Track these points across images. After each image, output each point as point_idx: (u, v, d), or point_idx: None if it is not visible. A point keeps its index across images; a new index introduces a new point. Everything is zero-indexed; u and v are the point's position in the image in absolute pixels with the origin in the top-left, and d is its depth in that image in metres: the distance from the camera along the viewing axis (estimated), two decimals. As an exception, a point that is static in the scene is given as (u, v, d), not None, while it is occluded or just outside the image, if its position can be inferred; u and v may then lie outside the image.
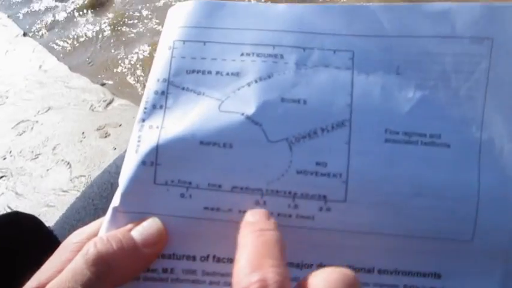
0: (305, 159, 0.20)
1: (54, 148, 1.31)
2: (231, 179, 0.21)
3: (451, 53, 0.21)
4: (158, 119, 0.21)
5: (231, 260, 0.20)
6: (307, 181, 0.20)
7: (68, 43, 1.74)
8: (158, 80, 0.22)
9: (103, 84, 1.50)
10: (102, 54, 1.63)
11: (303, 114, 0.21)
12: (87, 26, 1.79)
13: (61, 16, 1.89)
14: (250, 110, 0.21)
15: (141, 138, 0.21)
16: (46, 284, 0.19)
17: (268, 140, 0.21)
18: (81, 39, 1.74)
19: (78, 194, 0.44)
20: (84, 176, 1.19)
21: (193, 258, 0.21)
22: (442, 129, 0.21)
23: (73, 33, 1.78)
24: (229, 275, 0.20)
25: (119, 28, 1.72)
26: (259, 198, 0.21)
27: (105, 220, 0.21)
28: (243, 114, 0.21)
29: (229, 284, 0.20)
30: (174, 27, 0.23)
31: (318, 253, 0.21)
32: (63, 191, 1.16)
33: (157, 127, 0.21)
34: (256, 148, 0.21)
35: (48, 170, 1.25)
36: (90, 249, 0.19)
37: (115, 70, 1.54)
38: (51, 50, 1.73)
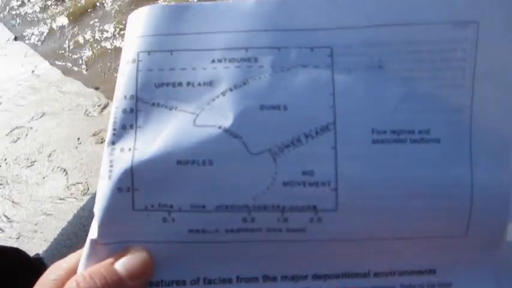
0: (291, 170, 0.19)
1: (49, 155, 1.30)
2: (215, 198, 0.20)
3: (434, 41, 0.20)
4: (130, 140, 0.20)
5: (223, 281, 0.20)
6: (294, 193, 0.19)
7: (60, 47, 1.72)
8: (125, 97, 0.21)
9: (97, 88, 1.49)
10: (96, 58, 1.62)
11: (284, 121, 0.20)
12: (79, 31, 1.77)
13: (53, 20, 1.87)
14: (228, 121, 0.20)
15: (113, 163, 0.20)
16: None
17: (250, 153, 0.19)
18: (74, 44, 1.72)
19: (75, 201, 0.43)
20: (81, 183, 1.17)
21: (184, 282, 0.20)
22: (431, 124, 0.20)
23: (65, 37, 1.76)
24: None
25: (113, 32, 1.70)
26: (247, 216, 0.20)
27: (83, 254, 0.20)
28: (220, 127, 0.20)
29: None
30: (136, 36, 0.21)
31: (311, 264, 0.21)
32: (60, 199, 1.15)
33: (130, 149, 0.20)
34: (238, 163, 0.19)
35: (44, 177, 1.24)
36: None
37: (110, 73, 1.53)
38: (43, 54, 1.71)
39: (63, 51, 1.69)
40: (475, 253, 0.21)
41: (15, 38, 1.83)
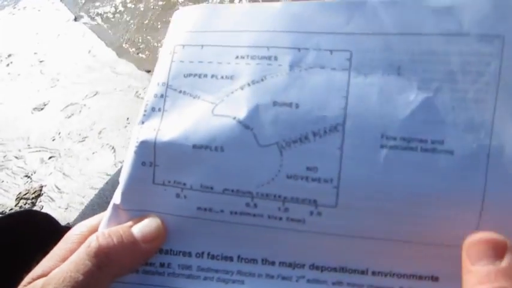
0: (295, 164, 0.20)
1: (100, 132, 1.34)
2: (222, 182, 0.21)
3: (457, 52, 0.20)
4: (156, 121, 0.22)
5: (224, 258, 0.22)
6: (297, 186, 0.20)
7: (116, 30, 1.77)
8: (158, 84, 0.23)
9: (148, 71, 1.52)
10: (150, 41, 1.65)
11: (294, 118, 0.21)
12: (136, 14, 1.81)
13: (111, 3, 1.93)
14: (242, 114, 0.21)
15: (139, 140, 0.22)
16: (50, 271, 0.20)
17: (258, 145, 0.21)
18: (130, 26, 1.76)
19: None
20: (128, 161, 1.21)
21: (189, 254, 0.22)
22: (446, 135, 0.19)
23: (122, 20, 1.81)
24: (222, 271, 0.22)
25: (169, 17, 1.73)
26: (250, 201, 0.21)
27: (105, 215, 0.23)
28: (234, 118, 0.21)
29: (222, 280, 0.22)
30: (176, 32, 0.24)
31: (310, 254, 0.21)
32: (107, 175, 1.19)
33: (155, 129, 0.22)
34: (247, 152, 0.21)
35: (94, 153, 1.28)
36: (93, 243, 0.20)
37: (160, 57, 1.56)
38: (100, 35, 1.77)
39: (119, 34, 1.74)
40: None
41: (75, 19, 1.91)
